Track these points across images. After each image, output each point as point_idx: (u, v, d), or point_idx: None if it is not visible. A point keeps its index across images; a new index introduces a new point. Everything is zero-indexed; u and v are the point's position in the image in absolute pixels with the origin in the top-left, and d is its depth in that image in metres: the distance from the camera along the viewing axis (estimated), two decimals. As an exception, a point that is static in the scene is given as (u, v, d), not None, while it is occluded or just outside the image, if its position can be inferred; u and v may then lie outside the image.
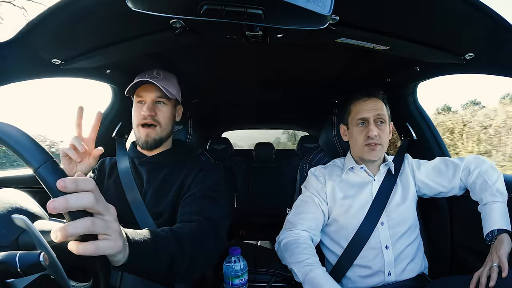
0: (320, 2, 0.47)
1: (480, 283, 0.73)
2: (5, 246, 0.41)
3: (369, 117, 0.98)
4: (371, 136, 0.96)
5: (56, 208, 0.36)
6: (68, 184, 0.37)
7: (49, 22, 0.67)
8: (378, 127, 0.98)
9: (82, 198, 0.38)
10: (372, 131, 0.96)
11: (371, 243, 0.94)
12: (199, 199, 0.84)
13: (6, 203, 0.46)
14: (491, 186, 0.87)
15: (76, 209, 0.37)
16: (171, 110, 0.95)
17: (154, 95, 0.91)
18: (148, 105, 0.90)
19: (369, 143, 0.97)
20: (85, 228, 0.37)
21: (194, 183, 0.88)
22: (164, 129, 0.93)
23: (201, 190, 0.86)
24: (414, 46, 0.79)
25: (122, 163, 0.95)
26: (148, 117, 0.89)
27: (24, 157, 0.39)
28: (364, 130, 0.98)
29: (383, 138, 0.98)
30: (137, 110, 0.92)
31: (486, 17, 0.64)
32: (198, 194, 0.85)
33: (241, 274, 0.91)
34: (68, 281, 0.42)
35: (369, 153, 0.98)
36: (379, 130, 0.97)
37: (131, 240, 0.51)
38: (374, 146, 0.97)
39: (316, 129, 2.53)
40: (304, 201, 1.03)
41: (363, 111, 0.99)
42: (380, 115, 0.98)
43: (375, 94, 1.00)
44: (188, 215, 0.79)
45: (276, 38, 0.76)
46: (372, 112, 0.98)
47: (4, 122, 0.41)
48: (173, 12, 0.51)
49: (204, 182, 0.88)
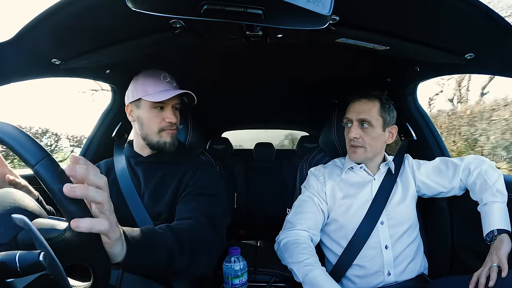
0: (320, 2, 0.47)
1: (479, 283, 0.73)
2: (3, 244, 0.41)
3: (352, 119, 0.98)
4: (351, 138, 0.97)
5: (75, 192, 0.39)
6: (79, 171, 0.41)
7: (49, 22, 0.67)
8: (362, 129, 0.97)
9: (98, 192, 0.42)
10: (351, 132, 0.96)
11: (370, 242, 0.94)
12: (196, 196, 0.84)
13: (5, 202, 0.46)
14: (491, 186, 0.87)
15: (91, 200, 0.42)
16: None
17: (175, 102, 0.93)
18: (171, 111, 0.91)
19: (351, 145, 0.98)
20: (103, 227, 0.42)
21: (191, 181, 0.88)
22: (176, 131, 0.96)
23: (199, 188, 0.86)
24: (414, 46, 0.79)
25: (119, 163, 0.95)
26: (174, 124, 0.92)
27: (21, 154, 0.39)
28: (349, 131, 0.99)
29: (366, 141, 0.97)
30: (156, 115, 0.91)
31: (486, 17, 0.64)
32: (195, 192, 0.85)
33: (241, 274, 0.91)
34: (68, 281, 0.42)
35: (351, 154, 0.99)
36: (362, 133, 0.96)
37: (128, 235, 0.52)
38: (355, 148, 0.97)
39: (316, 129, 2.53)
40: (304, 201, 1.03)
41: (349, 112, 1.00)
42: (363, 119, 0.96)
43: (366, 95, 0.99)
44: (186, 213, 0.79)
45: (276, 38, 0.76)
46: (356, 114, 0.97)
47: (1, 121, 0.41)
48: (173, 12, 0.51)
49: (202, 181, 0.88)
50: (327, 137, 1.23)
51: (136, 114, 0.93)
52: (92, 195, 0.41)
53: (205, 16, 0.50)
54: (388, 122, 1.00)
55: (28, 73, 0.85)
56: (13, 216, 0.41)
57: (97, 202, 0.42)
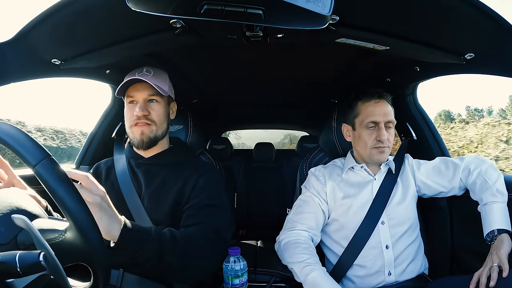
0: (320, 2, 0.47)
1: (480, 283, 0.73)
2: (3, 244, 0.41)
3: (380, 121, 0.97)
4: (382, 140, 0.96)
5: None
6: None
7: (49, 22, 0.67)
8: (387, 131, 0.98)
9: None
10: (384, 135, 0.96)
11: (371, 242, 0.94)
12: (201, 209, 0.83)
13: (6, 202, 0.46)
14: (491, 186, 0.87)
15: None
16: (165, 107, 0.92)
17: (146, 94, 0.87)
18: (140, 104, 0.86)
19: (379, 147, 0.98)
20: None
21: (195, 191, 0.86)
22: (159, 127, 0.89)
23: (203, 199, 0.85)
24: (414, 46, 0.79)
25: (120, 164, 0.94)
26: (142, 117, 0.86)
27: (21, 154, 0.39)
28: (374, 133, 0.98)
29: (390, 142, 0.99)
30: (130, 110, 0.88)
31: (486, 17, 0.64)
32: (200, 204, 0.84)
33: (241, 274, 0.91)
34: (68, 281, 0.42)
35: (379, 155, 0.99)
36: (388, 134, 0.98)
37: (126, 222, 0.64)
38: (383, 149, 0.98)
39: (316, 129, 2.53)
40: (304, 201, 1.03)
41: (375, 115, 0.98)
42: (390, 121, 0.99)
43: (384, 96, 1.00)
44: (191, 224, 0.80)
45: (276, 38, 0.76)
46: (384, 116, 0.97)
47: (1, 121, 0.42)
48: (173, 12, 0.51)
49: (206, 190, 0.86)
50: (327, 137, 1.23)
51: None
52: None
53: (205, 16, 0.50)
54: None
55: (28, 73, 0.85)
56: (13, 216, 0.41)
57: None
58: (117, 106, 1.33)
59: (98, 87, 10.75)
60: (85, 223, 0.42)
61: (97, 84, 1.21)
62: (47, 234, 0.45)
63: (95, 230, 0.43)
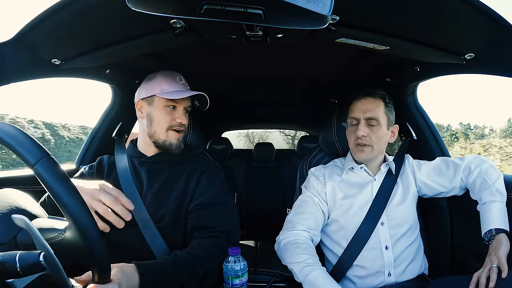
0: (320, 2, 0.47)
1: (480, 284, 0.73)
2: (3, 243, 0.41)
3: (360, 117, 0.97)
4: (359, 136, 0.96)
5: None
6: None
7: (49, 22, 0.67)
8: (370, 128, 0.97)
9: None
10: (359, 130, 0.95)
11: (371, 243, 0.94)
12: (210, 210, 0.86)
13: (6, 202, 0.46)
14: (491, 186, 0.87)
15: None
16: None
17: (187, 104, 0.95)
18: (182, 112, 0.94)
19: (358, 144, 0.97)
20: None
21: (199, 189, 0.89)
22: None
23: (209, 197, 0.88)
24: (414, 46, 0.79)
25: (121, 162, 0.95)
26: (183, 125, 0.94)
27: (21, 154, 0.39)
28: (355, 130, 0.98)
29: (373, 140, 0.97)
30: (169, 114, 0.92)
31: (486, 17, 0.64)
32: (207, 203, 0.87)
33: (241, 274, 0.91)
34: (68, 281, 0.42)
35: (357, 153, 0.98)
36: (369, 131, 0.96)
37: (141, 270, 0.61)
38: (362, 147, 0.97)
39: (316, 129, 2.53)
40: (304, 201, 1.02)
41: (355, 111, 0.99)
42: (372, 117, 0.96)
43: (372, 94, 0.99)
44: (204, 232, 0.83)
45: (276, 38, 0.76)
46: (363, 112, 0.97)
47: (1, 122, 0.42)
48: (173, 12, 0.51)
49: (210, 187, 0.90)
50: (327, 137, 1.23)
51: (147, 111, 0.94)
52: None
53: (205, 16, 0.50)
54: (391, 121, 1.01)
55: (28, 73, 0.85)
56: (13, 216, 0.42)
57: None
58: (117, 107, 1.33)
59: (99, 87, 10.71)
60: (84, 222, 0.42)
61: (97, 84, 1.21)
62: (46, 233, 0.45)
63: (94, 229, 0.43)
